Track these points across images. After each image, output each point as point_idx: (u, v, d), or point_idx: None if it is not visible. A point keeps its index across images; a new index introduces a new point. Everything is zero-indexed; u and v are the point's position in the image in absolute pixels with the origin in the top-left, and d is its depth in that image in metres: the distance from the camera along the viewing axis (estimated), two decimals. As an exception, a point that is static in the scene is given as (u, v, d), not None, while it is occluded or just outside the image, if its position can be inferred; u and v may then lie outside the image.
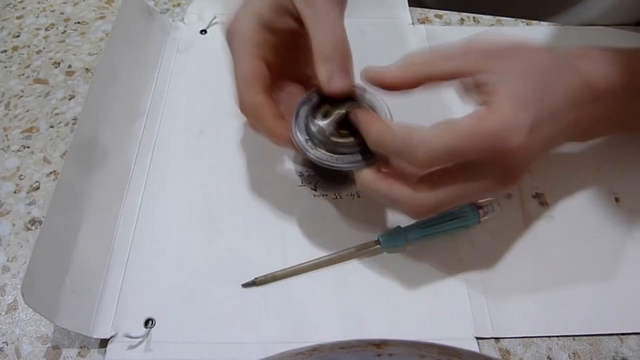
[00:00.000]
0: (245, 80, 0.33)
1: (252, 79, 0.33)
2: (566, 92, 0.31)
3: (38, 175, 0.41)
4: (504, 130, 0.28)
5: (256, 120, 0.33)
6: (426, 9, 0.52)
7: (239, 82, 0.33)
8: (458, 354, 0.23)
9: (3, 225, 0.38)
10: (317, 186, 0.40)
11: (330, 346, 0.24)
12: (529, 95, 0.29)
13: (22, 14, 0.53)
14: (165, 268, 0.36)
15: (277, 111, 0.33)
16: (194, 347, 0.32)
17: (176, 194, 0.39)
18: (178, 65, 0.47)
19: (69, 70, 0.48)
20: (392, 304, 0.34)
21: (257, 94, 0.33)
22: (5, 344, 0.33)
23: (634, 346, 0.33)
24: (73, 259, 0.34)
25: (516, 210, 0.38)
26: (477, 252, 0.36)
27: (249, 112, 0.33)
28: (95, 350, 0.32)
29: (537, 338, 0.33)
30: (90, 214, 0.36)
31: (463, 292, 0.35)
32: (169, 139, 0.42)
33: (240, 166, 0.41)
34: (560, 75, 0.31)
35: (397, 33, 0.50)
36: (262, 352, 0.30)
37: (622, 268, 0.36)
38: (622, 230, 0.37)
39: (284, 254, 0.36)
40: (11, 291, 0.35)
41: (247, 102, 0.33)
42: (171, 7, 0.54)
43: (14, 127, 0.44)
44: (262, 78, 0.33)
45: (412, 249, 0.36)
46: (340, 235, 0.37)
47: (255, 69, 0.33)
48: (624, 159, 0.41)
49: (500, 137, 0.28)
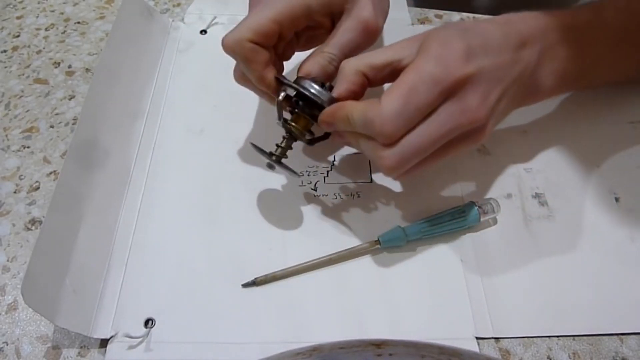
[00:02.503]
0: (250, 27, 0.33)
1: (258, 33, 0.33)
2: (491, 34, 0.32)
3: (38, 175, 0.41)
4: (439, 64, 0.29)
5: (245, 61, 0.33)
6: (426, 9, 0.52)
7: (244, 25, 0.33)
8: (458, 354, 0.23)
9: (3, 225, 0.38)
10: (317, 186, 0.40)
11: (330, 346, 0.24)
12: (453, 34, 0.30)
13: (22, 14, 0.53)
14: (165, 268, 0.36)
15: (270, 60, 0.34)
16: (194, 347, 0.32)
17: (176, 194, 0.39)
18: (178, 65, 0.47)
19: (69, 70, 0.48)
20: (392, 304, 0.34)
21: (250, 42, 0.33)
22: (5, 344, 0.33)
23: (634, 346, 0.33)
24: (73, 259, 0.34)
25: (516, 210, 0.38)
26: (477, 252, 0.36)
27: (237, 50, 0.33)
28: (95, 350, 0.32)
29: (537, 338, 0.33)
30: (90, 214, 0.36)
31: (463, 292, 0.35)
32: (169, 139, 0.42)
33: (240, 166, 0.41)
34: (481, 27, 0.32)
35: (397, 34, 0.49)
36: (262, 352, 0.30)
37: (622, 268, 0.36)
38: (622, 230, 0.37)
39: (284, 254, 0.36)
40: (11, 291, 0.35)
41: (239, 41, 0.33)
42: (171, 7, 0.54)
43: (14, 127, 0.44)
44: (268, 38, 0.33)
45: (412, 249, 0.36)
46: (340, 235, 0.37)
47: (268, 29, 0.33)
48: (624, 158, 0.41)
49: (439, 71, 0.29)
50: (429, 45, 0.30)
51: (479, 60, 0.30)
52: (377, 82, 0.33)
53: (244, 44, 0.33)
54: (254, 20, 0.33)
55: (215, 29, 0.50)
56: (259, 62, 0.33)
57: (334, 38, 0.34)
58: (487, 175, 0.40)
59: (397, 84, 0.29)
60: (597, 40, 0.36)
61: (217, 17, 0.51)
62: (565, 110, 0.43)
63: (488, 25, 0.33)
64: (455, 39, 0.30)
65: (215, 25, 0.50)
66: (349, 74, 0.32)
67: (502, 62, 0.31)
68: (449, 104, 0.29)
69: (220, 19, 0.51)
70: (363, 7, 0.34)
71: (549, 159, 0.41)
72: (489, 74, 0.30)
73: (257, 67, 0.33)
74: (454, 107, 0.29)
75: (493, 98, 0.30)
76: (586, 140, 0.42)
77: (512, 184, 0.40)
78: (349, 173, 0.40)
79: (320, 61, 0.34)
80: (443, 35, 0.31)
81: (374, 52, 0.33)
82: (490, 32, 0.32)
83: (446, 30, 0.31)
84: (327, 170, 0.41)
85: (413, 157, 0.30)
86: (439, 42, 0.30)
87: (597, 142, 0.42)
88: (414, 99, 0.28)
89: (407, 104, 0.28)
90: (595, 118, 0.43)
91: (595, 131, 0.42)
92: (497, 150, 0.41)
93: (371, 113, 0.29)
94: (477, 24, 0.33)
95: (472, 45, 0.30)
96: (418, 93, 0.28)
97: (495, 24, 0.33)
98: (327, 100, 0.32)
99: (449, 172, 0.40)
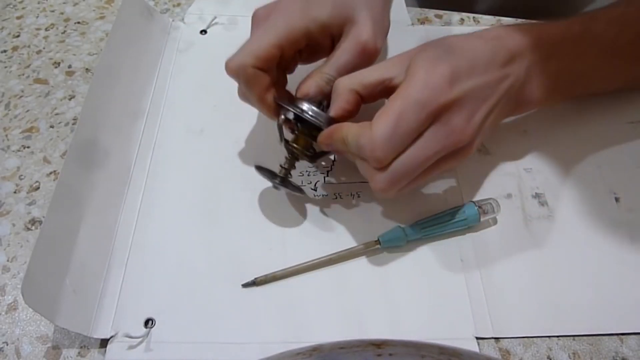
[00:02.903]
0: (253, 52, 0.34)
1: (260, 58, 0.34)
2: (479, 53, 0.32)
3: (38, 175, 0.41)
4: (425, 89, 0.30)
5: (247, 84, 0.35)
6: (426, 9, 0.52)
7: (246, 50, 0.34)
8: (458, 354, 0.23)
9: (3, 225, 0.38)
10: (317, 186, 0.40)
11: (330, 346, 0.24)
12: (439, 58, 0.31)
13: (22, 14, 0.53)
14: (165, 268, 0.36)
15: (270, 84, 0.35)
16: (193, 347, 0.32)
17: (176, 194, 0.39)
18: (178, 65, 0.47)
19: (69, 70, 0.48)
20: (392, 304, 0.34)
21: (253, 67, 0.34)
22: (5, 344, 0.33)
23: (634, 346, 0.33)
24: (73, 259, 0.34)
25: (516, 210, 0.38)
26: (477, 252, 0.36)
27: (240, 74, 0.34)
28: (95, 350, 0.32)
29: (537, 338, 0.33)
30: (90, 214, 0.36)
31: (463, 292, 0.35)
32: (169, 139, 0.42)
33: (240, 166, 0.41)
34: (470, 45, 0.33)
35: (396, 34, 0.49)
36: (262, 352, 0.30)
37: (622, 268, 0.36)
38: (622, 230, 0.37)
39: (284, 254, 0.36)
40: (11, 291, 0.35)
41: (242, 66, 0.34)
42: (171, 7, 0.54)
43: (14, 127, 0.44)
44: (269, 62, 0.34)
45: (412, 249, 0.36)
46: (340, 235, 0.37)
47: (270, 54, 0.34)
48: (624, 159, 0.41)
49: (425, 96, 0.29)
50: (415, 69, 0.31)
51: (463, 83, 0.31)
52: (370, 100, 0.34)
53: (246, 69, 0.34)
54: (255, 46, 0.34)
55: (215, 29, 0.50)
56: (260, 87, 0.34)
57: (332, 59, 0.35)
58: (487, 175, 0.40)
59: (386, 110, 0.30)
60: (587, 53, 0.37)
61: (217, 17, 0.51)
62: (565, 110, 0.43)
63: (476, 42, 0.33)
64: (441, 63, 0.31)
65: (215, 25, 0.50)
66: (342, 93, 0.33)
67: (488, 81, 0.32)
68: (436, 127, 0.30)
69: (220, 19, 0.51)
70: (362, 28, 0.34)
71: (549, 159, 0.41)
72: (474, 94, 0.31)
73: (258, 91, 0.35)
74: (440, 130, 0.30)
75: (478, 118, 0.31)
76: (586, 140, 0.42)
77: (512, 183, 0.40)
78: (349, 173, 0.40)
79: (318, 82, 0.35)
80: (429, 57, 0.31)
81: (367, 71, 0.34)
82: (478, 50, 0.33)
83: (433, 51, 0.32)
84: (327, 170, 0.41)
85: (403, 179, 0.31)
86: (425, 66, 0.31)
87: (597, 142, 0.42)
88: (402, 124, 0.29)
89: (396, 130, 0.29)
90: (595, 118, 0.43)
91: (595, 131, 0.42)
92: (497, 150, 0.41)
93: (363, 139, 0.30)
94: (465, 41, 0.33)
95: (458, 68, 0.31)
96: (406, 119, 0.29)
97: (483, 40, 0.33)
98: (324, 122, 0.33)
99: (448, 172, 0.40)
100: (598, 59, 0.37)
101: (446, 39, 0.33)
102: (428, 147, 0.30)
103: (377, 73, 0.33)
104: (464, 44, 0.33)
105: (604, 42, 0.37)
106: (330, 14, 0.34)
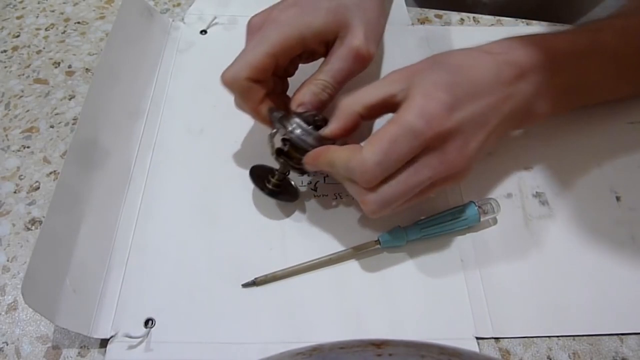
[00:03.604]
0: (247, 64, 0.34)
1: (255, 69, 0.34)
2: (484, 72, 0.32)
3: (38, 175, 0.41)
4: (421, 117, 0.29)
5: (241, 97, 0.35)
6: (426, 9, 0.52)
7: (241, 61, 0.34)
8: (458, 354, 0.23)
9: (3, 225, 0.38)
10: (317, 186, 0.40)
11: (330, 346, 0.24)
12: (440, 82, 0.30)
13: (22, 14, 0.53)
14: (165, 268, 0.36)
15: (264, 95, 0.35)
16: (194, 347, 0.32)
17: (176, 194, 0.39)
18: (178, 65, 0.47)
19: (69, 70, 0.48)
20: (392, 304, 0.34)
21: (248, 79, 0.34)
22: (5, 344, 0.33)
23: (634, 346, 0.33)
24: (73, 259, 0.34)
25: (516, 209, 0.38)
26: (477, 252, 0.36)
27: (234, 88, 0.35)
28: (95, 350, 0.32)
29: (537, 338, 0.33)
30: (90, 214, 0.36)
31: (463, 292, 0.35)
32: (169, 139, 0.42)
33: (240, 166, 0.41)
34: (475, 62, 0.32)
35: (396, 34, 0.50)
36: (262, 352, 0.30)
37: (622, 268, 0.36)
38: (622, 230, 0.37)
39: (284, 254, 0.36)
40: (11, 291, 0.35)
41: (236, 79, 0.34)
42: (171, 7, 0.54)
43: (14, 127, 0.44)
44: (264, 74, 0.34)
45: (412, 249, 0.36)
46: (340, 235, 0.37)
47: (264, 64, 0.34)
48: (625, 158, 0.41)
49: (421, 125, 0.29)
50: (414, 93, 0.30)
51: (463, 110, 0.30)
52: (371, 118, 0.34)
53: (240, 82, 0.34)
54: (249, 57, 0.34)
55: (215, 29, 0.50)
56: (254, 100, 0.35)
57: (326, 65, 0.35)
58: (487, 175, 0.40)
59: (380, 135, 0.30)
60: (595, 65, 0.36)
61: (217, 18, 0.51)
62: (565, 110, 0.43)
63: (482, 58, 0.33)
64: (441, 89, 0.30)
65: (215, 26, 0.50)
66: (344, 114, 0.33)
67: (491, 104, 0.32)
68: (429, 156, 0.30)
69: (220, 19, 0.51)
70: (355, 35, 0.34)
71: (549, 158, 0.41)
72: (474, 120, 0.31)
73: (252, 104, 0.35)
74: (433, 158, 0.30)
75: (474, 146, 0.31)
76: (586, 139, 0.42)
77: (513, 183, 0.40)
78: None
79: (313, 89, 0.35)
80: (431, 81, 0.31)
81: (369, 90, 0.33)
82: (483, 68, 0.32)
83: (436, 73, 0.31)
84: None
85: (393, 202, 0.31)
86: (424, 91, 0.30)
87: (597, 141, 0.42)
88: (395, 150, 0.29)
89: (388, 155, 0.29)
90: (595, 118, 0.43)
91: (595, 131, 0.42)
92: (497, 150, 0.41)
93: (353, 162, 0.30)
94: (470, 57, 0.33)
95: (459, 93, 0.30)
96: (399, 145, 0.29)
97: (490, 56, 0.33)
98: (312, 142, 0.33)
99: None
100: (605, 71, 0.37)
101: (451, 56, 0.33)
102: (420, 173, 0.30)
103: (379, 92, 0.33)
104: (468, 61, 0.32)
105: (610, 52, 0.36)
106: (324, 21, 0.34)
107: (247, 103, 0.35)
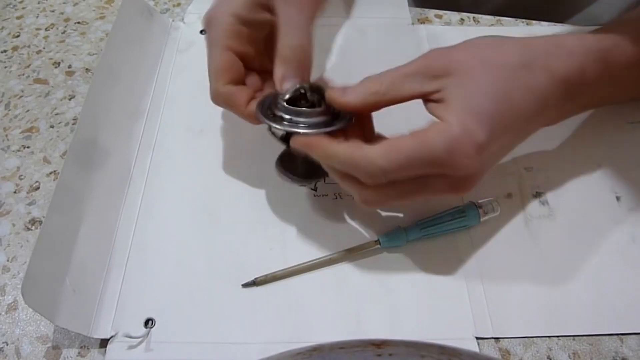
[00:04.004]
0: (215, 71, 0.34)
1: (222, 70, 0.34)
2: (533, 95, 0.30)
3: (38, 175, 0.41)
4: (448, 152, 0.27)
5: (228, 107, 0.35)
6: (426, 9, 0.52)
7: (210, 73, 0.35)
8: (458, 354, 0.23)
9: (3, 225, 0.38)
10: (317, 186, 0.40)
11: (330, 346, 0.24)
12: (483, 108, 0.28)
13: (22, 14, 0.53)
14: (165, 268, 0.36)
15: (249, 96, 0.35)
16: (194, 347, 0.32)
17: (176, 194, 0.39)
18: (178, 65, 0.47)
19: (69, 70, 0.48)
20: (392, 304, 0.34)
21: (225, 85, 0.34)
22: (5, 344, 0.33)
23: (634, 346, 0.33)
24: (73, 259, 0.34)
25: (516, 210, 0.38)
26: (477, 252, 0.36)
27: (219, 101, 0.35)
28: (95, 350, 0.32)
29: (537, 338, 0.33)
30: (90, 214, 0.36)
31: (463, 292, 0.35)
32: (169, 139, 0.42)
33: (240, 166, 0.41)
34: (526, 79, 0.30)
35: (397, 33, 0.50)
36: (262, 352, 0.30)
37: (622, 268, 0.36)
38: (623, 230, 0.37)
39: (284, 254, 0.36)
40: (11, 291, 0.35)
41: (217, 92, 0.35)
42: (171, 7, 0.54)
43: (14, 127, 0.44)
44: (233, 69, 0.34)
45: (412, 249, 0.36)
46: (340, 235, 0.37)
47: (225, 61, 0.34)
48: (625, 158, 0.41)
49: (445, 157, 0.27)
50: (451, 110, 0.28)
51: (492, 148, 0.29)
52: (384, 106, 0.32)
53: (220, 92, 0.34)
54: (212, 64, 0.35)
55: (215, 29, 0.50)
56: (239, 104, 0.34)
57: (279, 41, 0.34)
58: (487, 175, 0.40)
59: (399, 146, 0.28)
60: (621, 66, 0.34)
61: (217, 17, 0.51)
62: (565, 110, 0.43)
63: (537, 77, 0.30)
64: (480, 121, 0.28)
65: (215, 25, 0.50)
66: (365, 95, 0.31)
67: (525, 133, 0.31)
68: (440, 179, 0.29)
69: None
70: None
71: (549, 158, 0.41)
72: (497, 156, 0.30)
73: (238, 109, 0.35)
74: (444, 182, 0.29)
75: (485, 172, 0.31)
76: (587, 139, 0.42)
77: (513, 183, 0.40)
78: (349, 173, 0.40)
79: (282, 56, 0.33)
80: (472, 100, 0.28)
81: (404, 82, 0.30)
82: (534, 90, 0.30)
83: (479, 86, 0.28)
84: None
85: (391, 202, 0.31)
86: (461, 118, 0.28)
87: (598, 141, 0.42)
88: (409, 167, 0.28)
89: (400, 169, 0.28)
90: (595, 118, 0.43)
91: (595, 131, 0.42)
92: (497, 150, 0.41)
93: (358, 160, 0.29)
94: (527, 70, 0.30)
95: (495, 130, 0.28)
96: (414, 164, 0.28)
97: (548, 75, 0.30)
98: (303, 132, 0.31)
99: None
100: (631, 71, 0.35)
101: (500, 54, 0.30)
102: (425, 190, 0.30)
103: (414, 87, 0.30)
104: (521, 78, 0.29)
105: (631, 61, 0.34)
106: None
107: (234, 109, 0.35)
